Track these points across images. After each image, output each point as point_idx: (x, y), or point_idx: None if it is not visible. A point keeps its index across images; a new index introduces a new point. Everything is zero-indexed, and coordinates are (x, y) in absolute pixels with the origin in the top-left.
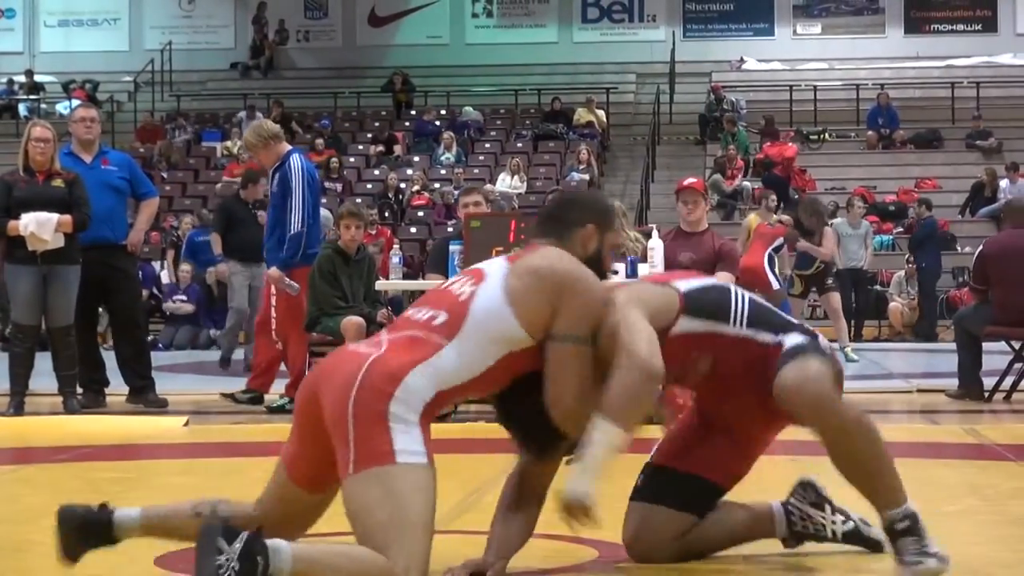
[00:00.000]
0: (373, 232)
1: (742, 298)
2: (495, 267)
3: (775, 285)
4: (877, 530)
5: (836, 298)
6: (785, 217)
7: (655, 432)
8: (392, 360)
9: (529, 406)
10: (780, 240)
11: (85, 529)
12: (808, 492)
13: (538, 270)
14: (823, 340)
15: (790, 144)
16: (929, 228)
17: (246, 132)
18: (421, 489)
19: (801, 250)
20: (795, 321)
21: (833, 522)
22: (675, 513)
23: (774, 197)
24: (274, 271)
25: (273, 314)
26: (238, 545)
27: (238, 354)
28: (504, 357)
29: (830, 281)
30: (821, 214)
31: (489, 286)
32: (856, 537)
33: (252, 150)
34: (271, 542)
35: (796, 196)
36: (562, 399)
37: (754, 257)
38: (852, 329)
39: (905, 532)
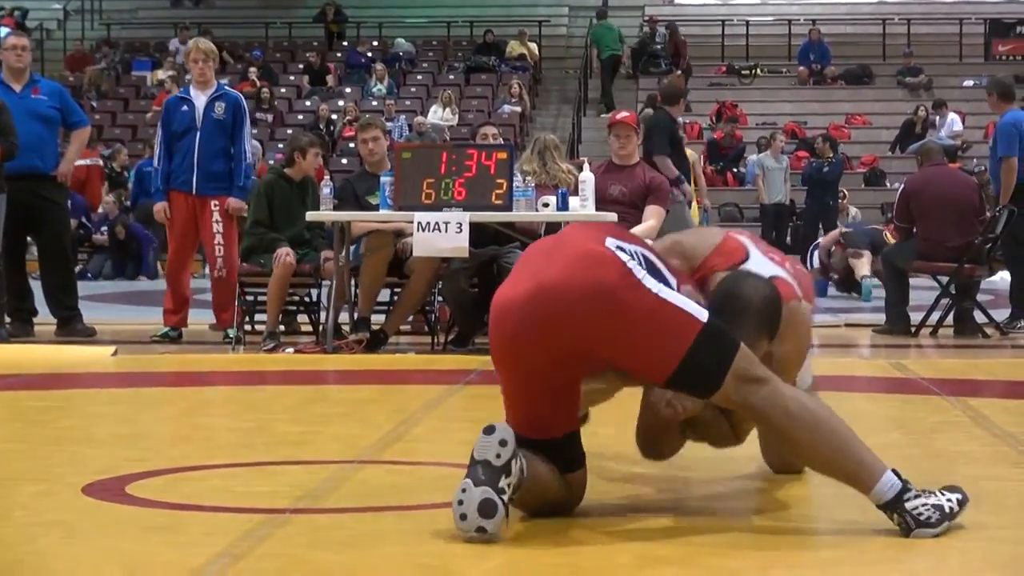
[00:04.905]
0: None
1: None
2: None
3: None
4: None
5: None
6: None
7: None
8: None
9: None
10: None
11: None
12: None
13: None
14: None
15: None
16: (836, 169)
17: (202, 42)
18: None
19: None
20: None
21: None
22: None
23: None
24: (238, 202)
25: (221, 241)
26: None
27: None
28: None
29: None
30: None
31: None
32: None
33: (207, 60)
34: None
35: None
36: None
37: None
38: None
39: None
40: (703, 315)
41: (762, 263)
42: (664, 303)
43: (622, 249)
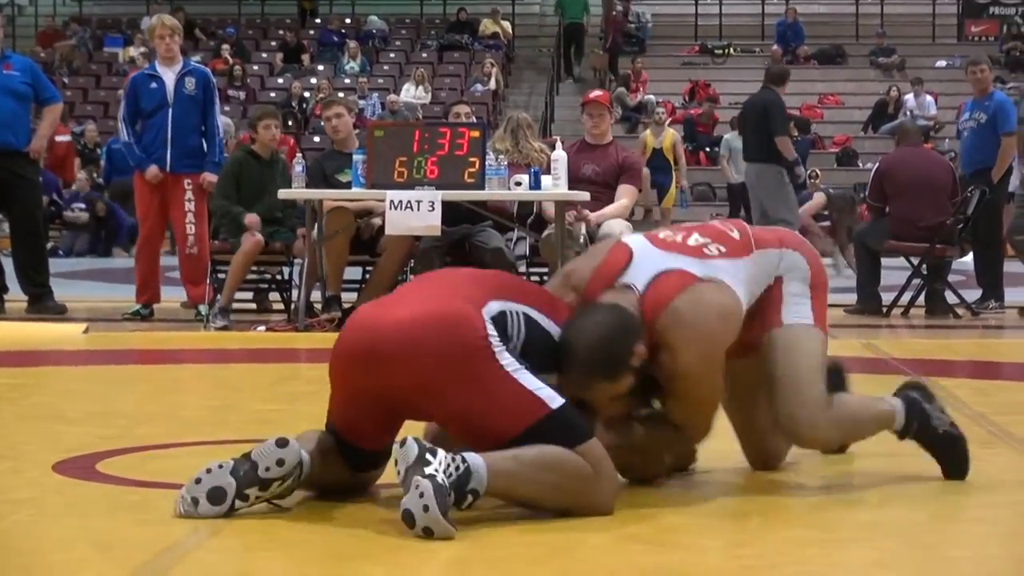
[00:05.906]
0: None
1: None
2: None
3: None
4: None
5: None
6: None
7: None
8: None
9: None
10: None
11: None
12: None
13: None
14: None
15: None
16: (804, 148)
17: (167, 18)
18: None
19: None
20: None
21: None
22: None
23: (661, 111)
24: (215, 176)
25: (193, 219)
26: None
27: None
28: None
29: None
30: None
31: None
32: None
33: (173, 35)
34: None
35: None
36: None
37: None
38: None
39: None
40: (555, 402)
41: (649, 261)
42: (512, 382)
43: (504, 314)
